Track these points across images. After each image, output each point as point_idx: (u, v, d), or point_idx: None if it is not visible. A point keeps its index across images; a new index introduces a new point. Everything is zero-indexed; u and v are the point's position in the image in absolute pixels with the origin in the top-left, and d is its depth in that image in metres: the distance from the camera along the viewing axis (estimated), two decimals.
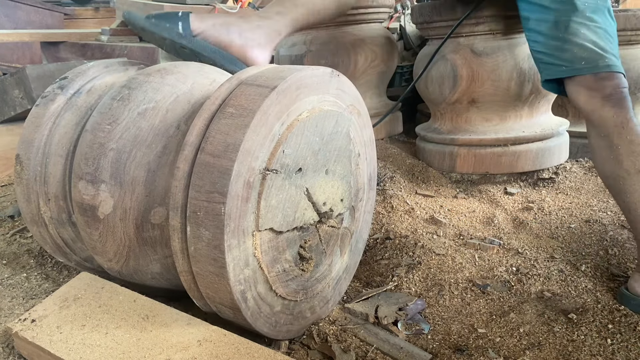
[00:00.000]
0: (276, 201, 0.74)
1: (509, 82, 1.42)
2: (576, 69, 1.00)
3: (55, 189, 0.86)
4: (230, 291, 0.70)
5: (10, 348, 0.81)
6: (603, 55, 0.99)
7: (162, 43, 0.98)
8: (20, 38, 2.16)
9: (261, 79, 0.74)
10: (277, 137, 0.73)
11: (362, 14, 1.73)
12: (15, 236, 1.24)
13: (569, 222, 1.28)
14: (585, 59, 1.00)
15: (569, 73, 1.02)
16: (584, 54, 1.00)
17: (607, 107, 0.96)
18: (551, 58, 1.06)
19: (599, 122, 0.97)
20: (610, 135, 0.95)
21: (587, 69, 0.99)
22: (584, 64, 0.99)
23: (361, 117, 0.95)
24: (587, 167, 1.60)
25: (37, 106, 0.89)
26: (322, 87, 0.82)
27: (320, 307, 0.90)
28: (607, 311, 0.94)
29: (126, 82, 0.83)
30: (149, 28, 0.95)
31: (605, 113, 0.96)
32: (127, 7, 2.32)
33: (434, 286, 1.03)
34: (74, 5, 3.77)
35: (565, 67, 1.02)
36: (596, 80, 0.98)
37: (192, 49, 0.96)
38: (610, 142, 0.96)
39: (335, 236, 0.89)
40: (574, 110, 1.74)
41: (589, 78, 0.99)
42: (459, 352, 0.85)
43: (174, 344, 0.72)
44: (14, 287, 1.01)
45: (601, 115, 0.96)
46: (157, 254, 0.82)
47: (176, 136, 0.79)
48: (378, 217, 1.30)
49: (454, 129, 1.55)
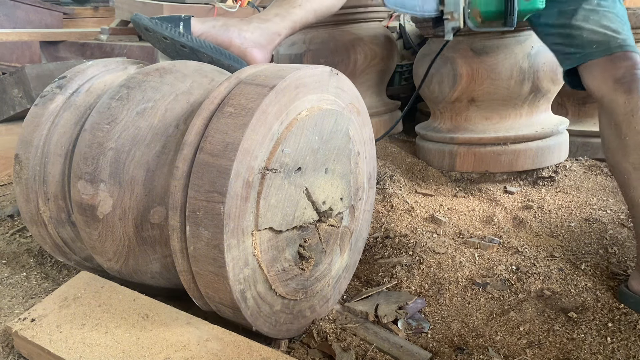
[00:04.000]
0: (275, 200, 0.74)
1: (509, 80, 1.42)
2: (588, 53, 0.99)
3: (54, 189, 0.86)
4: (229, 290, 0.70)
5: (10, 347, 0.81)
6: (615, 36, 0.97)
7: (164, 44, 0.98)
8: (19, 37, 2.16)
9: (260, 78, 0.74)
10: (276, 136, 0.73)
11: (361, 12, 1.73)
12: (14, 235, 1.24)
13: (568, 221, 1.28)
14: (596, 42, 0.98)
15: (582, 59, 1.00)
16: (595, 38, 0.98)
17: (618, 92, 0.94)
18: (565, 47, 1.04)
19: (609, 109, 0.96)
20: (620, 124, 0.94)
21: (599, 52, 0.97)
22: (596, 47, 0.98)
23: (360, 115, 0.95)
24: (587, 166, 1.60)
25: (36, 106, 0.89)
26: (322, 86, 0.82)
27: (320, 306, 0.90)
28: (607, 309, 0.94)
29: (125, 81, 0.83)
30: (152, 27, 0.96)
31: (617, 98, 0.94)
32: (126, 7, 2.32)
33: (434, 285, 1.03)
34: (73, 5, 3.77)
35: (579, 53, 1.01)
36: (609, 62, 0.96)
37: (191, 47, 0.96)
38: (619, 132, 0.94)
39: (334, 235, 0.89)
40: (574, 109, 1.74)
41: (601, 61, 0.97)
42: (459, 350, 0.85)
43: (174, 343, 0.72)
44: (14, 287, 1.01)
45: (612, 100, 0.95)
46: (157, 253, 0.82)
47: (175, 135, 0.79)
48: (378, 216, 1.30)
49: (453, 127, 1.55)
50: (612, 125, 0.96)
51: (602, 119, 0.99)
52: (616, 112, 0.95)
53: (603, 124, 0.99)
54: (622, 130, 0.94)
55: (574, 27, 1.02)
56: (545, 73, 1.42)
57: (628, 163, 0.94)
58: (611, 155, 0.98)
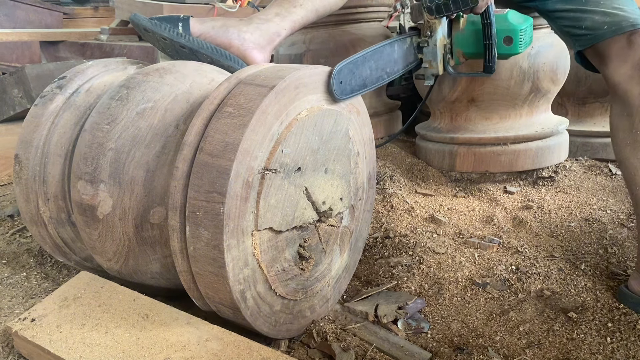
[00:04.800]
0: (275, 200, 0.74)
1: (509, 80, 1.42)
2: (599, 34, 0.96)
3: (54, 189, 0.86)
4: (229, 291, 0.70)
5: (10, 347, 0.81)
6: (627, 16, 0.94)
7: (163, 44, 0.98)
8: (19, 37, 2.16)
9: (260, 78, 0.74)
10: (276, 136, 0.73)
11: (361, 12, 1.73)
12: (14, 236, 1.24)
13: (568, 221, 1.28)
14: (607, 23, 0.95)
15: (593, 40, 0.97)
16: (606, 19, 0.95)
17: (635, 80, 0.90)
18: (575, 29, 1.01)
19: (623, 98, 0.92)
20: (632, 116, 0.90)
21: (610, 32, 0.94)
22: (607, 27, 0.95)
23: (360, 115, 0.95)
24: (587, 166, 1.60)
25: (36, 106, 0.89)
26: (321, 86, 0.82)
27: (319, 306, 0.90)
28: (607, 310, 0.94)
29: (125, 81, 0.83)
30: (151, 28, 0.96)
31: (632, 88, 0.91)
32: (126, 7, 2.32)
33: (434, 285, 1.03)
34: (73, 5, 3.77)
35: (590, 34, 0.98)
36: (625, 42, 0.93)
37: (191, 47, 0.96)
38: (631, 124, 0.91)
39: (334, 235, 0.89)
40: (574, 109, 1.74)
41: (616, 42, 0.94)
42: (458, 350, 0.85)
43: (174, 343, 0.72)
44: (14, 287, 1.01)
45: (627, 90, 0.91)
46: (157, 253, 0.82)
47: (175, 136, 0.79)
48: (378, 216, 1.30)
49: (453, 127, 1.55)
50: (625, 115, 0.92)
51: (614, 107, 0.95)
52: (630, 103, 0.91)
53: (614, 113, 0.95)
54: (633, 123, 0.90)
55: (585, 10, 0.99)
56: (545, 73, 1.42)
57: (636, 159, 0.91)
58: (619, 148, 0.95)
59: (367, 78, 0.95)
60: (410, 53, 1.13)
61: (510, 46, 1.13)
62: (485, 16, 1.09)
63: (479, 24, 1.12)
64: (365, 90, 0.94)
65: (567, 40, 1.09)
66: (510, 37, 1.12)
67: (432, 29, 1.12)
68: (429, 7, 1.06)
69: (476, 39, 1.14)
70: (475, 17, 1.12)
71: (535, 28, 1.41)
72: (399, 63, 1.09)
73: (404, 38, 1.11)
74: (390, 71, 1.05)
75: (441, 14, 1.06)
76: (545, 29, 1.43)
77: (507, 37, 1.13)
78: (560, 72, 1.45)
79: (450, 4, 1.03)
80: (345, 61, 0.87)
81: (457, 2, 1.03)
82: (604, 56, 0.97)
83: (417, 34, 1.15)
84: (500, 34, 1.12)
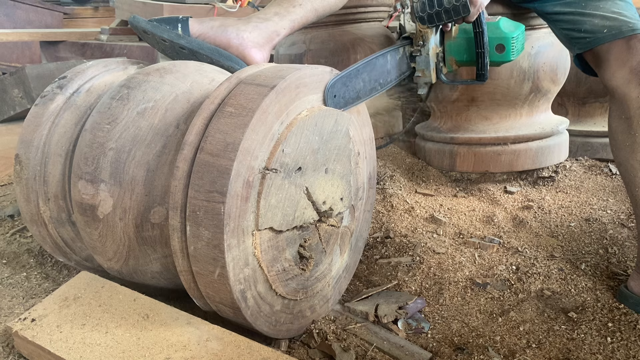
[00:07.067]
0: (276, 200, 0.74)
1: (509, 80, 1.42)
2: (599, 38, 0.96)
3: (54, 189, 0.86)
4: (230, 290, 0.70)
5: (10, 347, 0.81)
6: (627, 20, 0.95)
7: (163, 45, 0.98)
8: (19, 37, 2.16)
9: (260, 78, 0.74)
10: (276, 136, 0.73)
11: (361, 12, 1.73)
12: (15, 235, 1.24)
13: (568, 221, 1.28)
14: (607, 27, 0.95)
15: (592, 44, 0.97)
16: (606, 23, 0.96)
17: (633, 83, 0.91)
18: (574, 32, 1.02)
19: (621, 101, 0.93)
20: (631, 119, 0.91)
21: (610, 36, 0.94)
22: (607, 31, 0.95)
23: (361, 115, 0.95)
24: (587, 166, 1.60)
25: (36, 106, 0.89)
26: (322, 86, 0.82)
27: (320, 306, 0.90)
28: (607, 310, 0.94)
29: (125, 81, 0.83)
30: (151, 30, 0.96)
31: (630, 91, 0.91)
32: (126, 7, 2.32)
33: (434, 285, 1.03)
34: (73, 5, 3.77)
35: (589, 37, 0.98)
36: (624, 46, 0.93)
37: (190, 48, 0.96)
38: (629, 126, 0.91)
39: (335, 235, 0.89)
40: (574, 109, 1.74)
41: (615, 46, 0.94)
42: (459, 350, 0.85)
43: (174, 343, 0.72)
44: (14, 287, 1.01)
45: (625, 93, 0.92)
46: (157, 253, 0.82)
47: (175, 135, 0.79)
48: (378, 216, 1.30)
49: (453, 127, 1.55)
50: (623, 118, 0.93)
51: (613, 110, 0.96)
52: (628, 106, 0.91)
53: (613, 115, 0.96)
54: (632, 126, 0.91)
55: (584, 14, 0.99)
56: (545, 73, 1.42)
57: (635, 160, 0.91)
58: (617, 150, 0.95)
59: (361, 90, 0.96)
60: (403, 62, 1.14)
61: (502, 54, 1.14)
62: (477, 25, 1.10)
63: (471, 32, 1.13)
64: (359, 102, 0.94)
65: (566, 43, 1.09)
66: (503, 45, 1.13)
67: (424, 38, 1.13)
68: (421, 16, 1.06)
69: (468, 47, 1.15)
70: (467, 25, 1.13)
71: (535, 28, 1.41)
72: (392, 73, 1.10)
73: (396, 48, 1.12)
74: (383, 82, 1.06)
75: (433, 23, 1.07)
76: (545, 28, 1.43)
77: (499, 44, 1.14)
78: (561, 72, 1.45)
79: (442, 13, 1.04)
80: (339, 75, 0.87)
81: (449, 12, 1.04)
82: (602, 60, 0.97)
83: (410, 43, 1.16)
84: (492, 41, 1.13)
